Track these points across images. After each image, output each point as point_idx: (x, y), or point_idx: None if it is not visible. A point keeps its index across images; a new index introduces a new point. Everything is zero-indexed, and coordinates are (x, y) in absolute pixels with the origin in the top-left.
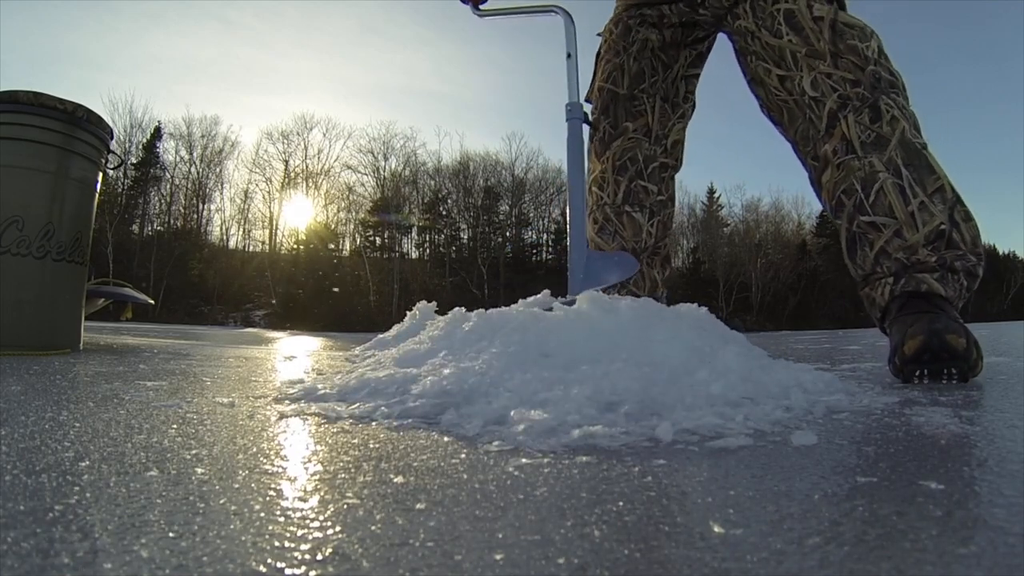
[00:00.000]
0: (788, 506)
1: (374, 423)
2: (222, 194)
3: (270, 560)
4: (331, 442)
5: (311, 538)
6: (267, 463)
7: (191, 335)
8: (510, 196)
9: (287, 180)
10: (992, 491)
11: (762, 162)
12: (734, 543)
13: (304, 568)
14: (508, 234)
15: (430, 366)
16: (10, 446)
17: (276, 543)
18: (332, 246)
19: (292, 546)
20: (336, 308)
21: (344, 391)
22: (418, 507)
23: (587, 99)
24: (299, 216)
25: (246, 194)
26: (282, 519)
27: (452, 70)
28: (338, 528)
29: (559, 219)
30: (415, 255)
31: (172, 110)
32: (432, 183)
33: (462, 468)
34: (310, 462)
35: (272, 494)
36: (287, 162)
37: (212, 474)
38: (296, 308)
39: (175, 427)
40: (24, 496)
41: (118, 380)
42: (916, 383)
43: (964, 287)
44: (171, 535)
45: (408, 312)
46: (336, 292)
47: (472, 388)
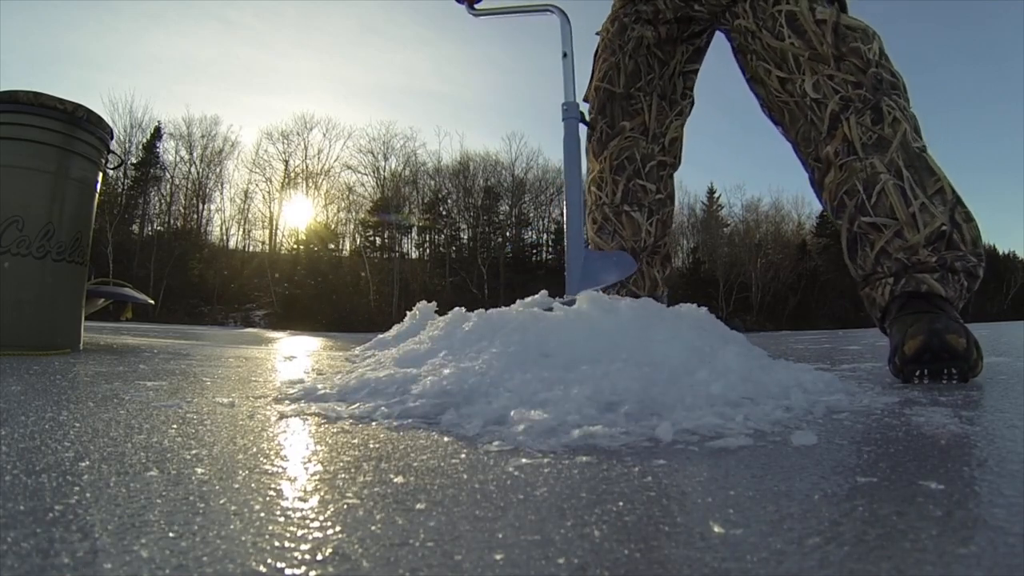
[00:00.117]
0: (788, 506)
1: (374, 423)
2: (222, 194)
3: (270, 560)
4: (331, 442)
5: (311, 538)
6: (267, 463)
7: (191, 335)
8: (510, 196)
9: (287, 180)
10: (992, 491)
11: (762, 162)
12: (734, 543)
13: (304, 568)
14: (508, 234)
15: (430, 366)
16: (10, 446)
17: (276, 543)
18: (332, 246)
19: (292, 546)
20: (336, 308)
21: (344, 391)
22: (418, 507)
23: (585, 99)
24: (299, 216)
25: (246, 194)
26: (282, 519)
27: (452, 70)
28: (338, 528)
29: (559, 219)
30: (415, 255)
31: (172, 110)
32: (432, 183)
33: (462, 468)
34: (310, 462)
35: (272, 494)
36: (287, 162)
37: (212, 474)
38: (296, 308)
39: (175, 427)
40: (24, 496)
41: (118, 380)
42: (916, 383)
43: (964, 287)
44: (171, 535)
45: (408, 312)
46: (336, 292)
47: (472, 388)
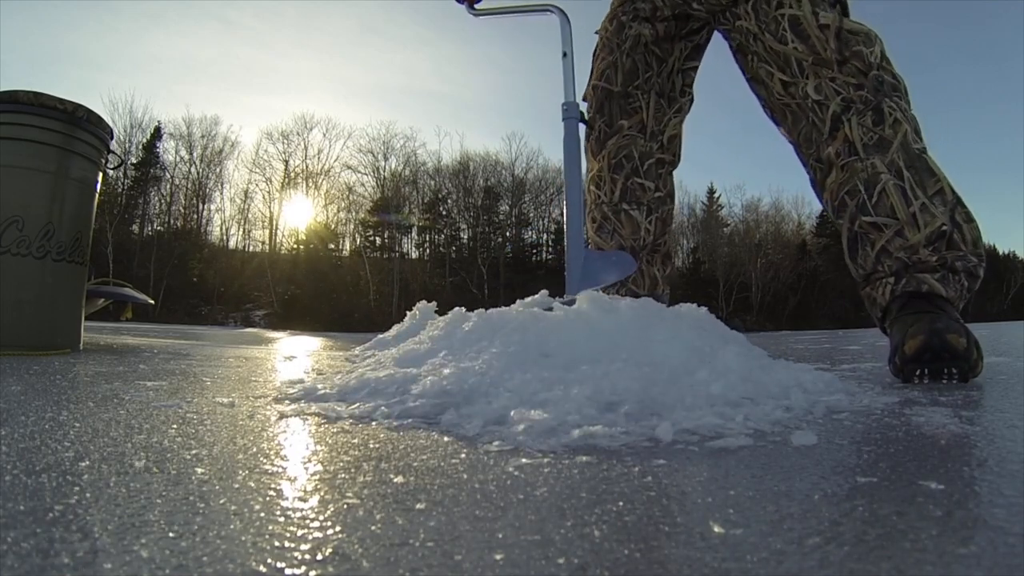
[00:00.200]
0: (788, 506)
1: (374, 423)
2: (222, 194)
3: (270, 560)
4: (331, 442)
5: (311, 538)
6: (267, 463)
7: (191, 335)
8: (510, 196)
9: (287, 180)
10: (992, 491)
11: (762, 162)
12: (734, 543)
13: (304, 568)
14: (508, 234)
15: (430, 366)
16: (10, 446)
17: (276, 543)
18: (332, 246)
19: (292, 546)
20: (336, 308)
21: (344, 391)
22: (418, 507)
23: (583, 98)
24: (299, 216)
25: (246, 194)
26: (282, 519)
27: (452, 70)
28: (338, 528)
29: (559, 219)
30: (415, 255)
31: (172, 110)
32: (432, 183)
33: (462, 468)
34: (310, 462)
35: (272, 494)
36: (287, 162)
37: (212, 474)
38: (296, 308)
39: (175, 427)
40: (24, 496)
41: (118, 380)
42: (916, 383)
43: (965, 287)
44: (171, 535)
45: (408, 312)
46: (336, 292)
47: (472, 388)
